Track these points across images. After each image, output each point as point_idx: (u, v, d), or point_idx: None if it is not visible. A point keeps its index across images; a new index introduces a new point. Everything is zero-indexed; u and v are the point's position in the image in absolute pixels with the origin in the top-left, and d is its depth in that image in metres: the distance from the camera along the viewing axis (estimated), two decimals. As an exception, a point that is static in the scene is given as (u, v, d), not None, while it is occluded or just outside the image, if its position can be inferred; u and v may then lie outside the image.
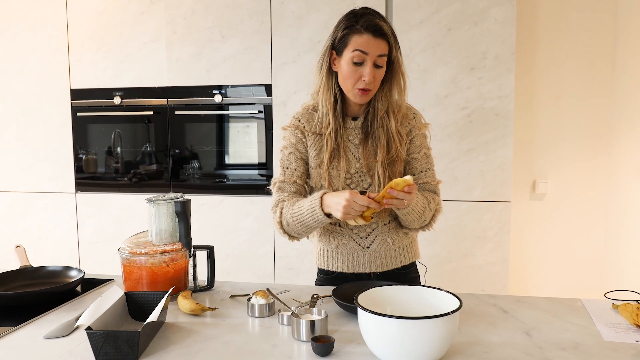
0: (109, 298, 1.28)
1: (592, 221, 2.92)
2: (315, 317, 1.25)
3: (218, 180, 2.92)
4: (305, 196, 1.63)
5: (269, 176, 2.83)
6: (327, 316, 1.24)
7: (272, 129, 2.79)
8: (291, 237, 1.59)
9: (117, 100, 2.93)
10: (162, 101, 2.91)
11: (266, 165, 2.84)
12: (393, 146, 1.54)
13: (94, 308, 1.23)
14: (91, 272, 1.91)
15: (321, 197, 1.44)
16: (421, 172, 1.61)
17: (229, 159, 2.93)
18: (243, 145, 2.89)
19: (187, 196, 1.61)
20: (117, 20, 2.90)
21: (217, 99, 2.83)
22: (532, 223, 2.97)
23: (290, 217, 1.51)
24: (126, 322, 1.30)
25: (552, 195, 2.95)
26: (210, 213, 2.88)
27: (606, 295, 1.45)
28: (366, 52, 1.46)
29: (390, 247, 1.62)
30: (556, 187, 2.94)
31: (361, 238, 1.62)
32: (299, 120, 1.61)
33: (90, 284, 1.63)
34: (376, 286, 1.24)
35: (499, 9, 2.53)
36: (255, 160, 2.87)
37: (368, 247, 1.62)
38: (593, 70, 2.85)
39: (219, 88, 2.84)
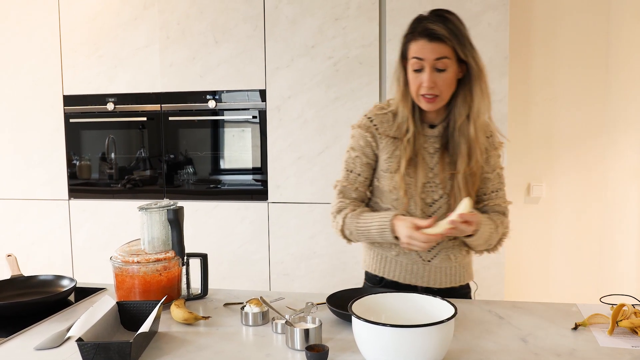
0: (100, 308, 1.27)
1: (587, 225, 2.92)
2: (310, 325, 1.24)
3: (212, 185, 2.90)
4: (365, 203, 1.60)
5: (264, 181, 2.82)
6: (321, 324, 1.23)
7: (266, 134, 2.78)
8: (350, 241, 1.60)
9: (110, 106, 2.92)
10: (155, 107, 2.90)
11: (261, 170, 2.83)
12: (474, 157, 1.48)
13: (86, 318, 1.21)
14: (85, 279, 1.89)
15: (392, 221, 1.44)
16: (492, 192, 1.57)
17: (223, 164, 2.91)
18: (237, 150, 2.88)
19: (181, 202, 1.60)
20: (110, 25, 2.89)
21: (211, 104, 2.82)
22: (527, 227, 2.97)
23: (355, 229, 1.52)
24: (118, 332, 1.29)
25: (547, 199, 2.95)
26: (205, 218, 2.87)
27: (602, 299, 1.45)
28: (422, 57, 1.42)
29: (452, 263, 1.58)
30: (551, 190, 2.94)
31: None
32: (371, 121, 1.55)
33: (83, 293, 1.62)
34: (370, 294, 1.23)
35: (493, 14, 2.53)
36: (249, 165, 2.86)
37: (429, 261, 1.56)
38: (587, 73, 2.86)
39: (213, 93, 2.83)
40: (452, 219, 1.35)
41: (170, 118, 2.89)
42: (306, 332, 1.19)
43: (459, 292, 1.63)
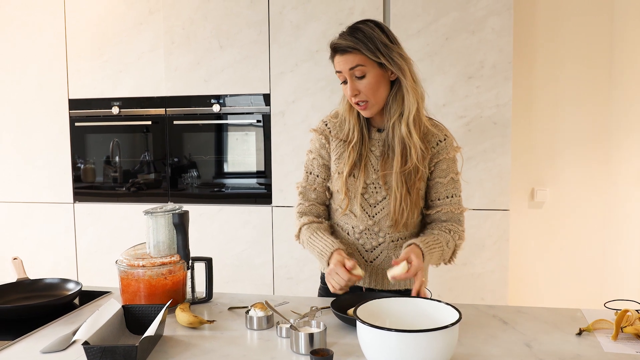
0: (106, 311, 1.28)
1: (592, 229, 2.92)
2: (314, 329, 1.24)
3: (216, 189, 2.91)
4: (325, 203, 1.67)
5: (268, 185, 2.82)
6: (325, 329, 1.24)
7: (270, 138, 2.79)
8: (304, 247, 1.66)
9: (115, 110, 2.93)
10: (160, 111, 2.91)
11: (265, 174, 2.84)
12: (410, 156, 1.49)
13: (91, 322, 1.22)
14: (90, 282, 1.90)
15: (331, 252, 1.48)
16: (446, 197, 1.56)
17: (227, 168, 2.92)
18: (241, 154, 2.89)
19: (185, 206, 1.61)
20: (116, 29, 2.91)
21: (216, 108, 2.83)
22: (531, 231, 2.97)
23: (307, 242, 1.59)
24: (124, 335, 1.29)
25: (551, 203, 2.95)
26: (209, 222, 2.88)
27: (606, 305, 1.45)
28: (340, 70, 1.49)
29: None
30: (555, 195, 2.94)
31: (366, 251, 1.59)
32: (326, 125, 1.63)
33: (88, 297, 1.62)
34: (375, 298, 1.24)
35: (496, 18, 2.53)
36: (253, 169, 2.87)
37: (372, 262, 1.59)
38: (590, 77, 2.86)
39: (217, 97, 2.84)
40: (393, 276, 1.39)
41: (174, 122, 2.90)
42: (311, 336, 1.19)
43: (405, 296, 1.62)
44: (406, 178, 1.51)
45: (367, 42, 1.46)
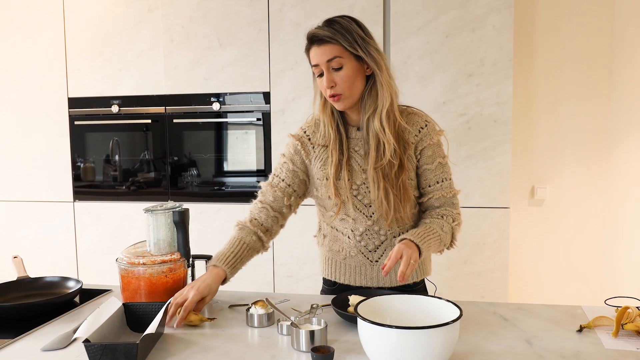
0: (107, 309, 1.28)
1: (592, 227, 2.92)
2: (315, 327, 1.24)
3: (216, 187, 2.91)
4: (281, 211, 1.64)
5: (268, 184, 2.82)
6: (326, 326, 1.23)
7: (270, 136, 2.79)
8: None
9: (114, 109, 2.93)
10: (160, 109, 2.91)
11: (264, 172, 2.83)
12: (386, 150, 1.47)
13: (92, 319, 1.22)
14: (90, 281, 1.90)
15: (209, 267, 1.51)
16: (437, 183, 1.54)
17: (227, 167, 2.92)
18: (241, 152, 2.88)
19: (185, 204, 1.61)
20: (115, 28, 2.91)
21: (215, 106, 2.83)
22: (531, 229, 2.97)
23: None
24: (124, 333, 1.29)
25: (551, 202, 2.95)
26: (209, 221, 2.88)
27: (606, 302, 1.45)
28: (316, 63, 1.47)
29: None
30: (555, 193, 2.94)
31: (369, 251, 1.58)
32: (305, 132, 1.61)
33: (89, 295, 1.62)
34: (376, 295, 1.24)
35: (497, 16, 2.53)
36: (254, 167, 2.87)
37: (376, 261, 1.59)
38: (591, 76, 2.86)
39: (217, 96, 2.84)
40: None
41: (174, 120, 2.90)
42: (312, 333, 1.19)
43: (412, 291, 1.61)
44: (383, 173, 1.49)
45: (345, 33, 1.44)
